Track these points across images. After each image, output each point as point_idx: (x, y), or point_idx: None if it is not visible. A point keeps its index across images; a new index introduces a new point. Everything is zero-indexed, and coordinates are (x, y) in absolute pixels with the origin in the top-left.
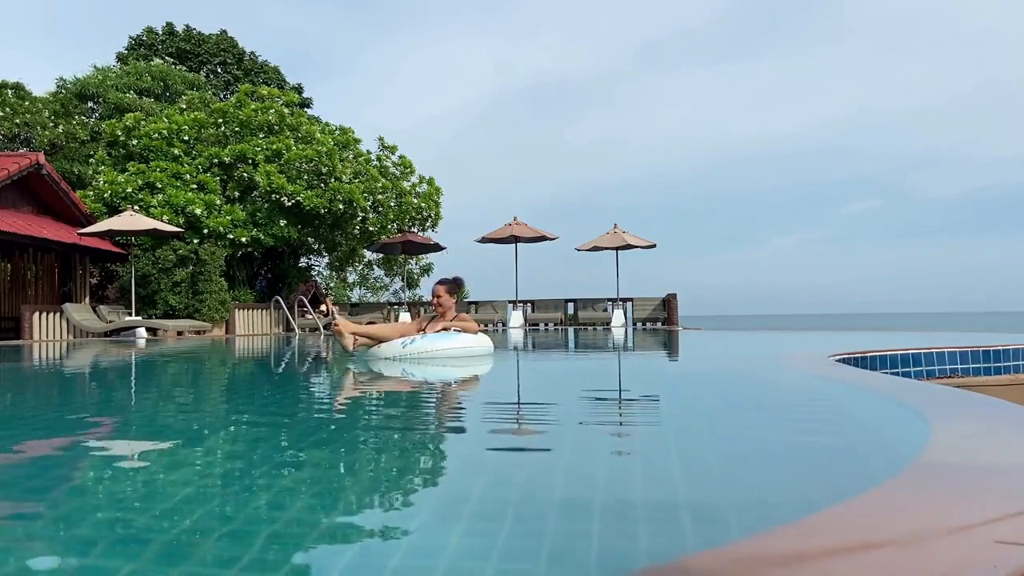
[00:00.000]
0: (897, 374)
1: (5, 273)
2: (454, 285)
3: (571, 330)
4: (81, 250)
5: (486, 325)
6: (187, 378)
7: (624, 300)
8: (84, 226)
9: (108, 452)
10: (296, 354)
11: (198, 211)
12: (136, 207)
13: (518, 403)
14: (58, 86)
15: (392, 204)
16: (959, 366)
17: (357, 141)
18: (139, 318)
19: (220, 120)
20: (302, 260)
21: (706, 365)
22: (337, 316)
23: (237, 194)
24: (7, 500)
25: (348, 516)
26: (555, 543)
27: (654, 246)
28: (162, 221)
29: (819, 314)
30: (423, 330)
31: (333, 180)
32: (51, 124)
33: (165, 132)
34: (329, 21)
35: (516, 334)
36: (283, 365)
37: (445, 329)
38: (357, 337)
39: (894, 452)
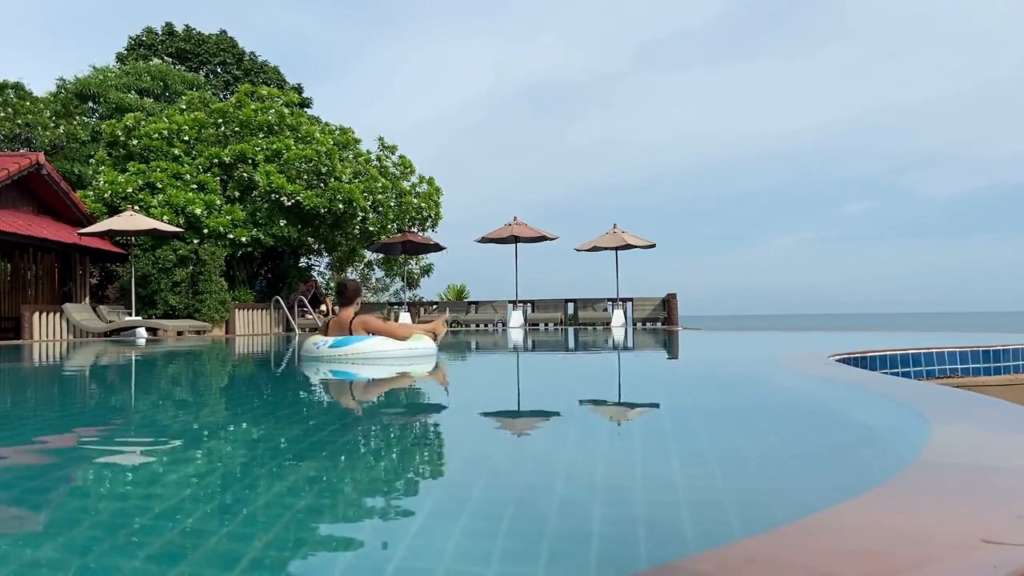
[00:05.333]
0: (897, 374)
1: (5, 273)
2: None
3: (571, 330)
4: (81, 250)
5: (486, 325)
6: (186, 378)
7: (624, 300)
8: (84, 226)
9: (107, 452)
10: (295, 354)
11: (198, 211)
12: (136, 207)
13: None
14: (58, 86)
15: (392, 204)
16: (959, 366)
17: (357, 141)
18: (139, 318)
19: (220, 120)
20: (302, 260)
21: (706, 365)
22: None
23: (237, 194)
24: (8, 500)
25: (347, 517)
26: (555, 544)
27: (654, 246)
28: (162, 221)
29: (819, 314)
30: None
31: (333, 180)
32: (52, 124)
33: (165, 132)
34: (329, 21)
35: (516, 334)
36: (281, 366)
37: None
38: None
39: (894, 452)
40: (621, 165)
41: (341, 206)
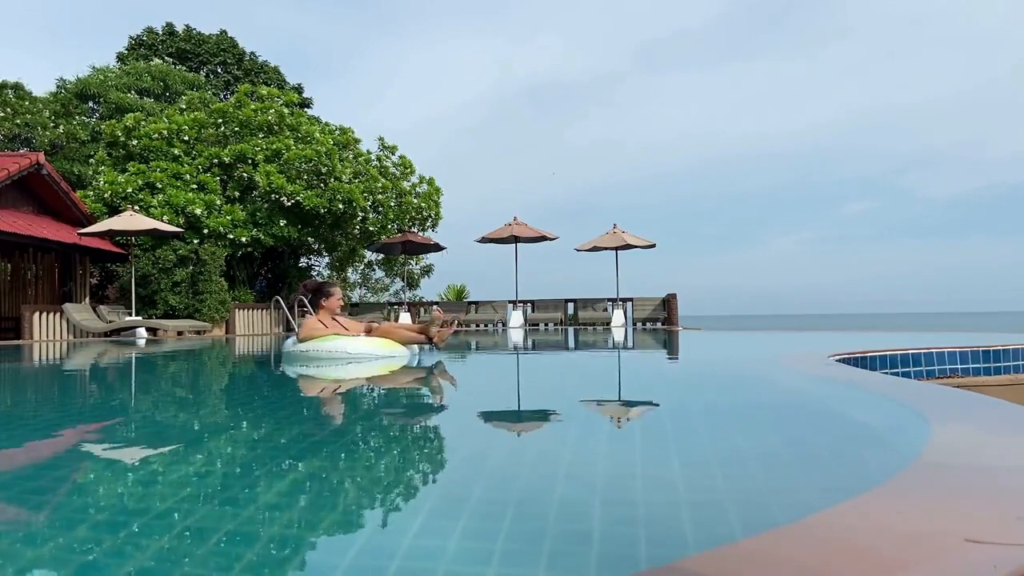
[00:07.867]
0: (897, 374)
1: (5, 273)
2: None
3: (571, 330)
4: (81, 250)
5: (486, 325)
6: (186, 378)
7: (624, 300)
8: (84, 226)
9: (108, 452)
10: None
11: (198, 211)
12: (136, 207)
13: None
14: (58, 86)
15: (392, 204)
16: (959, 366)
17: (357, 141)
18: (139, 318)
19: (220, 120)
20: (302, 260)
21: (706, 365)
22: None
23: (237, 194)
24: (7, 501)
25: (347, 517)
26: (555, 545)
27: (653, 246)
28: (162, 221)
29: (819, 314)
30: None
31: (333, 180)
32: (51, 124)
33: (165, 132)
34: (329, 21)
35: (516, 334)
36: (280, 366)
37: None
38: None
39: (894, 452)
40: (621, 165)
41: (341, 206)
